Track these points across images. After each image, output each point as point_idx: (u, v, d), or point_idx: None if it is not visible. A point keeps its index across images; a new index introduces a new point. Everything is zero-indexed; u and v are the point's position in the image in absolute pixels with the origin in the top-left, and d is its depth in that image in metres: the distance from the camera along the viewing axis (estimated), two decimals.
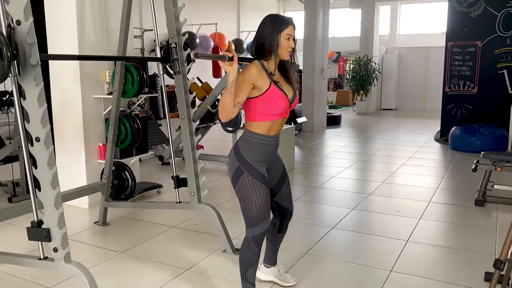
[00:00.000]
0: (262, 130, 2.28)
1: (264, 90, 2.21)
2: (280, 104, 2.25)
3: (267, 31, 2.22)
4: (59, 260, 2.29)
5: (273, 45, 2.21)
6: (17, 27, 2.15)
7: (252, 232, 2.30)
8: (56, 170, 2.29)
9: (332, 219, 3.99)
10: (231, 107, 2.10)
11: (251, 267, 2.34)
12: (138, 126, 3.93)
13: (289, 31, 2.23)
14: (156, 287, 2.75)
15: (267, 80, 2.22)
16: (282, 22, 2.23)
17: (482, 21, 7.77)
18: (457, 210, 4.34)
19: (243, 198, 2.30)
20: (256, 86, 2.20)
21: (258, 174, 2.27)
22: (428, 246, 3.43)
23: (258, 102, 2.23)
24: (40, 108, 2.20)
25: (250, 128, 2.30)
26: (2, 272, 2.94)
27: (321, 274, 2.94)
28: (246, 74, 2.19)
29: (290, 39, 2.24)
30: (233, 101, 2.10)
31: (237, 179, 2.29)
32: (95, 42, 4.22)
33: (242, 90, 2.15)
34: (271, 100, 2.23)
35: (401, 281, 2.84)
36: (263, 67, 2.24)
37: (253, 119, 2.28)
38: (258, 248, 2.32)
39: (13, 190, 4.57)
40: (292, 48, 2.26)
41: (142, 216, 4.06)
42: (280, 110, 2.27)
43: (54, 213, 2.27)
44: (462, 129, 7.44)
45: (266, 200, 2.29)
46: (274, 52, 2.23)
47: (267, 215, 2.30)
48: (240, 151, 2.30)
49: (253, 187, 2.26)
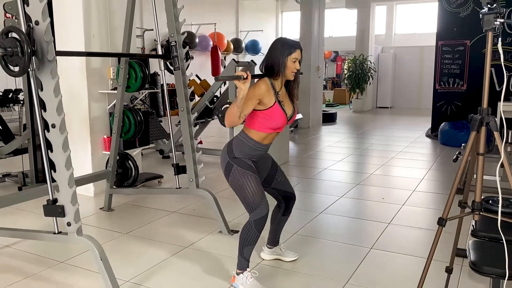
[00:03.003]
0: (257, 138, 2.58)
1: (268, 106, 2.51)
2: (279, 121, 2.55)
3: (277, 53, 2.51)
4: (72, 234, 2.59)
5: (281, 66, 2.50)
6: (36, 26, 2.45)
7: (254, 216, 2.55)
8: (70, 153, 2.57)
9: (321, 205, 4.30)
10: (237, 118, 2.39)
11: (248, 246, 2.61)
12: (140, 119, 4.23)
13: (296, 55, 2.52)
14: (157, 262, 3.04)
15: (273, 98, 2.52)
16: (290, 46, 2.51)
17: (470, 21, 8.07)
18: (439, 198, 4.64)
19: (237, 188, 2.59)
20: (262, 101, 2.49)
21: (246, 165, 2.57)
22: (408, 228, 3.73)
23: (259, 115, 2.53)
24: (56, 98, 2.50)
25: (247, 132, 2.60)
26: (16, 249, 3.24)
27: (306, 251, 3.23)
28: (256, 90, 2.46)
29: (296, 62, 2.53)
30: (240, 113, 2.38)
31: (228, 172, 2.59)
32: (100, 41, 4.51)
33: (249, 104, 2.43)
34: (271, 116, 2.52)
35: (380, 257, 3.14)
36: (271, 85, 2.53)
37: (251, 127, 2.58)
38: (258, 231, 2.57)
39: (23, 180, 4.87)
40: (297, 70, 2.55)
41: (145, 203, 4.36)
42: (277, 126, 2.58)
43: (67, 191, 2.55)
44: (450, 124, 7.75)
45: (257, 186, 2.56)
46: (281, 72, 2.52)
47: (262, 199, 2.55)
48: (232, 148, 2.61)
49: (243, 176, 2.55)
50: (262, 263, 3.01)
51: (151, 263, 3.01)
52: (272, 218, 2.95)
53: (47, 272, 2.89)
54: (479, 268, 1.88)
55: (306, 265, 3.00)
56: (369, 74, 13.54)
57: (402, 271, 2.95)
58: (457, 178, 1.79)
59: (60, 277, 2.83)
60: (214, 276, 2.82)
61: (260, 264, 3.00)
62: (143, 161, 5.81)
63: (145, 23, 10.83)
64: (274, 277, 2.83)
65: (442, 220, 1.78)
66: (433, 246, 1.85)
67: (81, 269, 2.92)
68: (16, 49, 2.42)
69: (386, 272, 2.92)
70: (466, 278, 2.78)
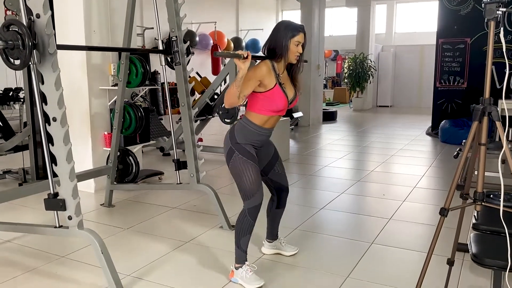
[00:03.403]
0: (258, 121, 2.57)
1: (269, 88, 2.50)
2: (279, 103, 2.54)
3: (280, 35, 2.50)
4: (73, 227, 2.58)
5: (284, 49, 2.48)
6: (37, 19, 2.45)
7: (248, 205, 2.57)
8: (71, 147, 2.57)
9: (321, 201, 4.30)
10: (236, 98, 2.38)
11: (244, 236, 2.62)
12: (141, 115, 4.23)
13: (299, 38, 2.50)
14: (158, 256, 3.04)
15: (273, 80, 2.51)
16: (293, 28, 2.50)
17: (471, 19, 8.07)
18: (439, 194, 4.63)
19: (235, 175, 2.59)
20: (262, 83, 2.48)
21: (247, 154, 2.56)
22: (409, 223, 3.72)
23: (260, 97, 2.52)
24: (57, 92, 2.50)
25: (248, 116, 2.59)
26: (17, 244, 3.24)
27: (307, 245, 3.23)
28: (256, 71, 2.46)
29: (299, 45, 2.51)
30: (239, 93, 2.37)
31: (229, 157, 2.59)
32: (100, 37, 4.51)
33: (249, 84, 2.42)
34: (272, 98, 2.51)
35: (381, 251, 3.14)
36: (273, 68, 2.52)
37: (253, 110, 2.57)
38: (252, 219, 2.59)
39: (23, 177, 4.87)
40: (299, 53, 2.54)
41: (145, 199, 4.36)
42: (278, 108, 2.56)
43: (69, 185, 2.55)
44: (451, 122, 7.75)
45: (256, 176, 2.57)
46: (284, 55, 2.50)
47: (258, 188, 2.57)
48: (234, 134, 2.60)
49: (243, 164, 2.55)
50: (263, 258, 3.01)
51: (152, 257, 3.01)
52: (267, 211, 2.96)
53: (48, 266, 2.89)
54: (481, 260, 1.88)
55: (307, 259, 3.00)
56: (369, 73, 13.54)
57: (403, 265, 2.95)
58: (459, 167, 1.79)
59: (61, 271, 2.82)
60: (214, 271, 2.82)
61: (261, 258, 3.00)
62: (144, 159, 5.80)
63: (145, 22, 10.83)
64: (274, 271, 2.83)
65: (444, 210, 1.78)
66: (435, 236, 1.85)
67: (82, 264, 2.92)
68: (17, 42, 2.42)
69: (387, 266, 2.92)
70: (467, 272, 2.78)
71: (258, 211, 2.61)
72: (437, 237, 1.84)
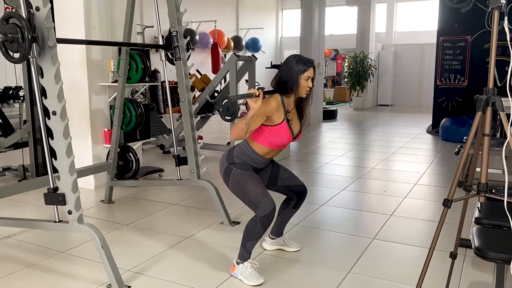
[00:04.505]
0: (259, 151, 2.58)
1: (276, 123, 2.50)
2: (284, 139, 2.55)
3: (290, 70, 2.49)
4: (73, 222, 2.57)
5: (294, 84, 2.48)
6: (36, 12, 2.43)
7: (259, 213, 2.51)
8: (71, 141, 2.55)
9: (323, 198, 4.28)
10: (244, 133, 2.38)
11: (251, 240, 2.58)
12: (141, 111, 4.21)
13: (309, 73, 2.50)
14: (159, 251, 3.03)
15: (282, 116, 2.51)
16: (304, 63, 2.49)
17: (471, 17, 8.06)
18: (441, 191, 4.62)
19: (238, 189, 2.56)
20: (270, 118, 2.48)
21: (244, 167, 2.57)
22: (410, 219, 3.71)
23: (266, 130, 2.52)
24: (57, 85, 2.48)
25: (250, 143, 2.58)
26: (17, 240, 3.22)
27: (308, 241, 3.21)
28: (266, 107, 2.44)
29: (309, 80, 2.51)
30: (247, 129, 2.36)
31: (227, 176, 2.58)
32: (100, 33, 4.49)
33: (257, 120, 2.42)
34: (278, 133, 2.52)
35: (382, 247, 3.12)
36: (282, 103, 2.51)
37: (256, 140, 2.56)
38: (263, 228, 2.53)
39: (23, 174, 4.85)
40: (309, 88, 2.53)
41: (145, 196, 4.35)
42: (282, 144, 2.58)
43: (68, 179, 2.53)
44: (452, 120, 7.73)
45: (258, 184, 2.54)
46: (294, 90, 2.50)
47: (265, 195, 2.51)
48: (233, 155, 2.60)
49: (242, 176, 2.54)
50: (264, 253, 2.99)
51: (152, 253, 3.00)
52: (280, 209, 2.92)
53: (47, 261, 2.87)
54: (484, 253, 1.87)
55: (308, 254, 2.99)
56: (370, 72, 13.52)
57: (405, 260, 2.93)
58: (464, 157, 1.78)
59: (61, 267, 2.81)
60: (214, 266, 2.80)
61: (262, 253, 2.98)
62: (144, 157, 5.78)
63: (145, 20, 10.82)
64: (276, 266, 2.82)
65: (447, 201, 1.76)
66: (438, 228, 1.83)
67: (81, 259, 2.91)
68: (16, 35, 2.40)
69: (389, 261, 2.91)
70: (469, 267, 2.77)
71: (270, 222, 2.56)
72: (440, 228, 1.83)
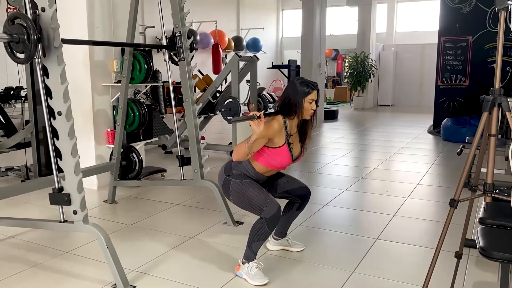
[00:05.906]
0: (258, 169, 2.61)
1: (277, 146, 2.54)
2: (283, 162, 2.59)
3: (294, 93, 2.52)
4: (78, 222, 2.57)
5: (298, 107, 2.51)
6: (42, 13, 2.44)
7: (265, 215, 2.52)
8: (76, 141, 2.56)
9: (325, 198, 4.28)
10: (246, 155, 2.43)
11: (257, 241, 2.59)
12: (145, 111, 4.22)
13: (313, 96, 2.53)
14: (163, 252, 3.03)
15: (283, 139, 2.54)
16: (307, 86, 2.52)
17: (473, 17, 8.07)
18: (444, 191, 4.63)
19: (240, 197, 2.58)
20: (272, 140, 2.52)
21: (242, 176, 2.60)
22: (413, 219, 3.71)
23: (266, 151, 2.56)
24: (62, 85, 2.49)
25: (250, 161, 2.61)
26: (21, 240, 3.23)
27: (312, 241, 3.22)
28: (269, 130, 2.47)
29: (312, 103, 2.54)
30: (249, 150, 2.40)
31: (227, 187, 2.61)
32: (103, 34, 4.50)
33: (260, 142, 2.46)
34: (278, 155, 2.55)
35: (386, 246, 3.13)
36: (284, 126, 2.54)
37: (256, 159, 2.60)
38: (270, 230, 2.55)
39: (26, 174, 4.85)
40: (313, 110, 2.56)
41: (148, 196, 4.35)
42: (281, 166, 2.62)
43: (74, 179, 2.54)
44: (453, 120, 7.74)
45: (259, 189, 2.57)
46: (297, 113, 2.53)
47: (267, 197, 2.53)
48: (231, 167, 2.64)
49: (242, 185, 2.57)
50: (268, 253, 3.00)
51: (156, 253, 3.00)
52: (284, 211, 2.93)
53: (52, 261, 2.88)
54: (489, 253, 1.87)
55: (312, 254, 2.99)
56: (370, 72, 13.53)
57: (409, 260, 2.94)
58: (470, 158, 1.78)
59: (66, 266, 2.81)
60: (219, 266, 2.81)
61: (266, 253, 2.99)
62: (146, 157, 5.78)
63: (146, 20, 10.82)
64: (280, 266, 2.82)
65: (454, 202, 1.77)
66: (444, 228, 1.84)
67: (86, 259, 2.91)
68: (22, 36, 2.41)
69: (393, 261, 2.91)
70: (473, 268, 2.77)
71: (277, 222, 2.58)
72: (446, 229, 1.83)
